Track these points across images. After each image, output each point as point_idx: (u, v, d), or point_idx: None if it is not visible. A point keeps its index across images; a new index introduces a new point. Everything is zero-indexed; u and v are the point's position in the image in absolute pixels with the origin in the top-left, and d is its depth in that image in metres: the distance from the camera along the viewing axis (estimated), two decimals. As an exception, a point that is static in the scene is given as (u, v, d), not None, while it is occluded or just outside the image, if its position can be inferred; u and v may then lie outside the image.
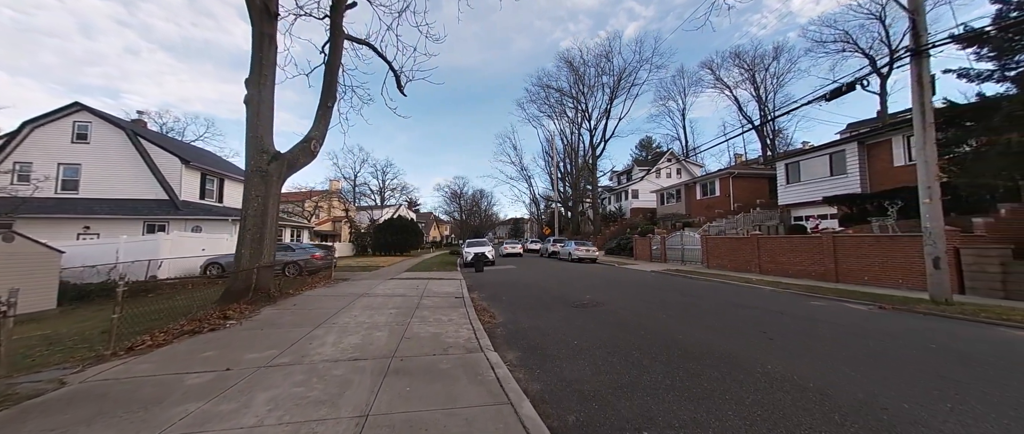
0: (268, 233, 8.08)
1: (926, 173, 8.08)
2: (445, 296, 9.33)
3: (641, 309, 7.52)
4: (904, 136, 17.18)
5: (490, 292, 10.83)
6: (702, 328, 5.82)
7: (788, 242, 14.41)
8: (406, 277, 14.29)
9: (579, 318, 6.79)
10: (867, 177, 18.68)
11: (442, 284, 11.90)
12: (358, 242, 34.98)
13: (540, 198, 51.60)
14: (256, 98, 8.13)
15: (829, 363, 4.21)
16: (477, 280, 14.19)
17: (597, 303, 8.28)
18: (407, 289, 10.58)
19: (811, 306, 8.15)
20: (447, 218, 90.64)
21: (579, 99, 42.23)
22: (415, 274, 15.72)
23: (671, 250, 21.86)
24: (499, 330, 6.13)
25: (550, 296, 9.66)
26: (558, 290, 10.83)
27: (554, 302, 8.67)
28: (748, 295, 9.86)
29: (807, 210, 21.83)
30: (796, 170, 22.37)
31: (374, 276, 14.88)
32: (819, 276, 12.91)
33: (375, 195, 59.25)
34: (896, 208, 13.42)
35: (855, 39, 38.05)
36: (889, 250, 11.07)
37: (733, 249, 17.14)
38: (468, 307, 7.81)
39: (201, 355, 4.45)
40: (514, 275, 15.91)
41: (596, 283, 12.46)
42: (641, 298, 9.04)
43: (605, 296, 9.36)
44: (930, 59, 8.28)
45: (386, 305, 7.93)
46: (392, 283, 12.22)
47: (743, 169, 32.58)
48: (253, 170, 8.03)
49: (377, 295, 9.38)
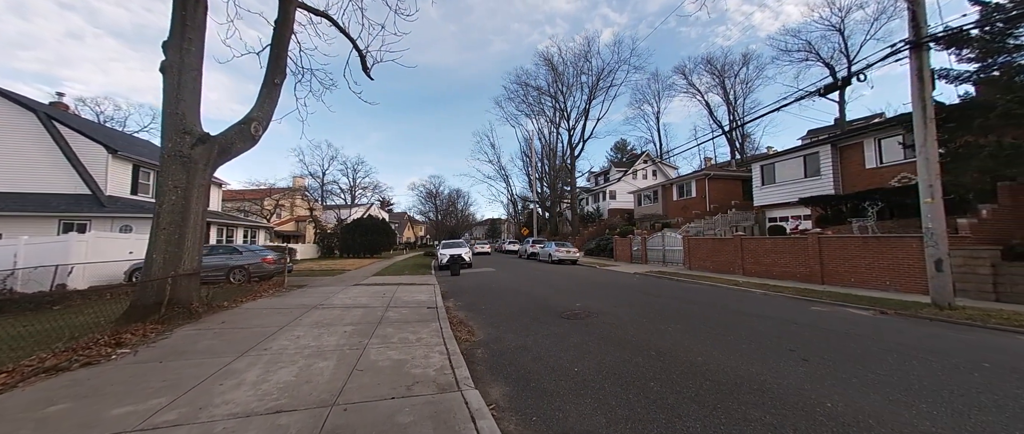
0: (191, 233, 6.53)
1: (928, 171, 7.73)
2: (415, 306, 8.07)
3: (642, 320, 6.62)
4: (875, 139, 17.56)
5: (468, 299, 9.66)
6: (720, 346, 4.96)
7: (772, 243, 14.17)
8: (373, 283, 12.83)
9: (575, 333, 5.78)
10: (840, 179, 19.01)
11: (413, 291, 10.60)
12: (324, 243, 32.61)
13: (518, 198, 50.71)
14: (177, 65, 6.58)
15: (893, 394, 3.41)
16: (453, 285, 12.95)
17: (590, 312, 7.32)
18: (371, 297, 9.22)
19: (815, 313, 7.58)
20: (422, 218, 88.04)
21: (558, 97, 41.74)
22: (384, 279, 14.26)
23: (652, 251, 21.48)
24: (480, 352, 5.00)
25: (535, 304, 8.62)
26: (543, 296, 9.83)
27: (541, 311, 7.64)
28: (744, 300, 9.25)
29: (781, 211, 22.10)
30: (771, 172, 22.62)
31: (336, 281, 13.30)
32: (804, 278, 12.67)
33: (345, 194, 56.29)
34: (876, 209, 13.46)
35: (817, 49, 39.88)
36: (876, 251, 10.88)
37: (715, 250, 16.84)
38: (442, 321, 6.63)
39: (39, 413, 3.03)
40: (493, 279, 14.78)
41: (582, 287, 11.57)
42: (636, 305, 8.18)
43: (597, 303, 8.44)
44: (929, 53, 7.96)
45: (342, 320, 6.60)
46: (355, 290, 10.77)
47: (718, 171, 33.08)
48: (171, 154, 6.46)
49: (334, 306, 7.99)
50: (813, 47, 39.25)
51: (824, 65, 39.28)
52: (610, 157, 67.88)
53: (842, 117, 39.25)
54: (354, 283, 12.68)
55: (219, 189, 23.88)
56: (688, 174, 35.16)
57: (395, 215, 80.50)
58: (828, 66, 39.49)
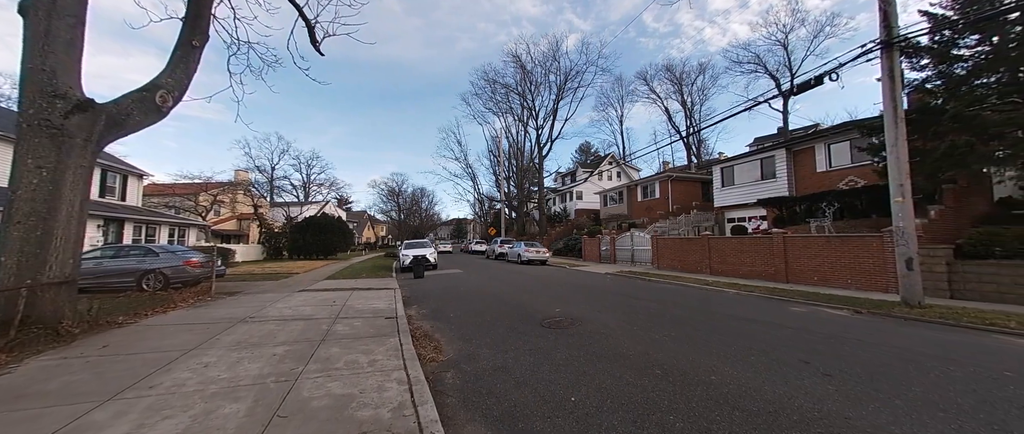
0: (61, 230, 4.93)
1: (898, 170, 7.82)
2: (371, 316, 6.88)
3: (630, 328, 5.96)
4: (826, 144, 18.58)
5: (433, 306, 8.58)
6: (727, 358, 4.36)
7: (738, 243, 14.37)
8: (323, 288, 11.30)
9: (561, 347, 4.96)
10: (793, 181, 19.97)
11: (370, 297, 9.31)
12: (270, 244, 29.60)
13: (485, 197, 49.63)
14: (45, 5, 4.96)
15: (961, 420, 2.90)
16: (417, 289, 11.74)
17: (573, 319, 6.57)
18: (318, 306, 7.86)
19: (797, 314, 7.37)
20: (384, 218, 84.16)
21: (526, 95, 41.25)
22: (336, 283, 12.70)
23: (621, 251, 21.43)
24: (450, 377, 4.03)
25: (510, 310, 7.73)
26: (517, 300, 8.97)
27: (518, 319, 6.77)
28: (722, 301, 8.99)
29: (740, 212, 22.95)
30: (730, 174, 23.44)
31: (279, 287, 11.60)
32: (769, 276, 12.88)
33: (297, 191, 52.15)
34: (832, 210, 14.06)
35: (764, 62, 42.64)
36: (838, 251, 11.18)
37: (684, 250, 16.95)
38: (402, 334, 5.55)
39: None
40: (461, 281, 13.71)
41: (557, 290, 10.87)
42: (619, 310, 7.56)
43: (577, 308, 7.72)
44: (898, 52, 8.10)
45: (274, 337, 5.31)
46: (300, 297, 9.29)
47: (680, 173, 34.16)
48: (32, 124, 4.82)
49: (268, 318, 6.59)
50: (761, 60, 41.92)
51: (770, 77, 42.08)
52: (575, 159, 68.86)
53: (785, 126, 42.14)
54: (300, 288, 11.08)
55: (140, 181, 20.65)
56: (652, 175, 36.02)
57: (354, 214, 76.25)
58: (774, 78, 42.31)
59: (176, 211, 29.50)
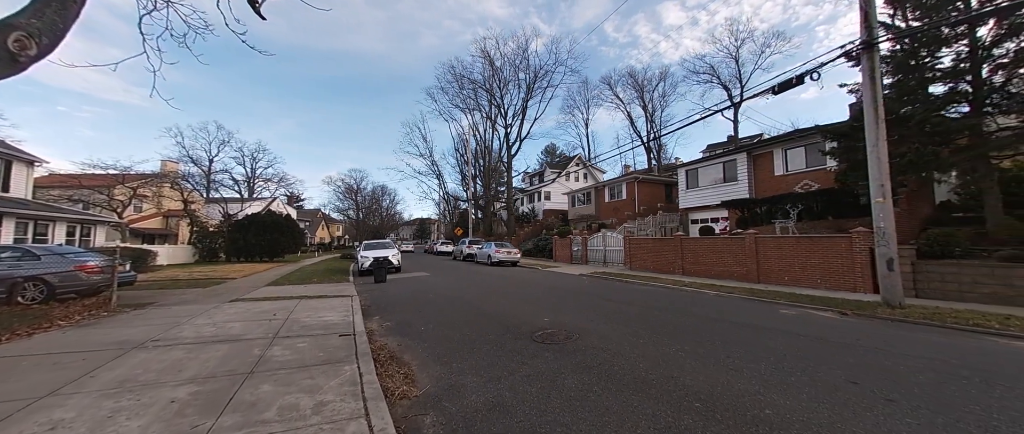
0: None
1: (879, 170, 7.84)
2: (321, 333, 5.57)
3: (635, 340, 5.22)
4: (783, 149, 19.45)
5: (400, 317, 7.34)
6: (767, 383, 3.70)
7: (711, 244, 14.43)
8: (263, 296, 9.58)
9: (567, 370, 4.06)
10: (753, 184, 20.77)
11: (321, 307, 7.86)
12: (204, 244, 26.13)
13: (450, 196, 47.96)
14: None
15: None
16: (379, 296, 10.34)
17: (567, 331, 5.71)
18: (252, 322, 6.36)
19: (789, 317, 7.09)
20: (340, 217, 79.15)
21: (494, 92, 40.25)
22: (280, 289, 10.95)
23: (593, 252, 21.15)
24: (429, 424, 2.98)
25: (491, 320, 6.73)
26: (497, 307, 7.98)
27: (503, 332, 5.79)
28: (713, 304, 8.61)
29: (703, 213, 23.59)
30: (695, 176, 24.04)
31: (207, 296, 9.69)
32: (742, 277, 12.97)
33: (240, 186, 47.26)
34: (797, 211, 14.54)
35: (718, 73, 45.08)
36: (807, 251, 11.38)
37: (656, 251, 16.87)
38: (362, 359, 4.37)
39: None
40: (429, 285, 12.43)
41: (537, 294, 10.01)
42: (612, 318, 6.84)
43: (566, 316, 6.89)
44: (879, 53, 8.16)
45: (179, 371, 3.91)
46: (231, 309, 7.63)
47: (645, 175, 34.92)
48: None
49: (178, 342, 5.07)
50: (715, 71, 44.29)
51: (723, 88, 44.60)
52: (541, 159, 69.03)
53: (735, 134, 44.77)
54: (234, 298, 9.29)
55: (30, 168, 17.02)
56: (618, 177, 36.54)
57: (307, 212, 70.90)
58: (726, 89, 44.84)
59: (84, 206, 25.15)
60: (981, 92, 10.10)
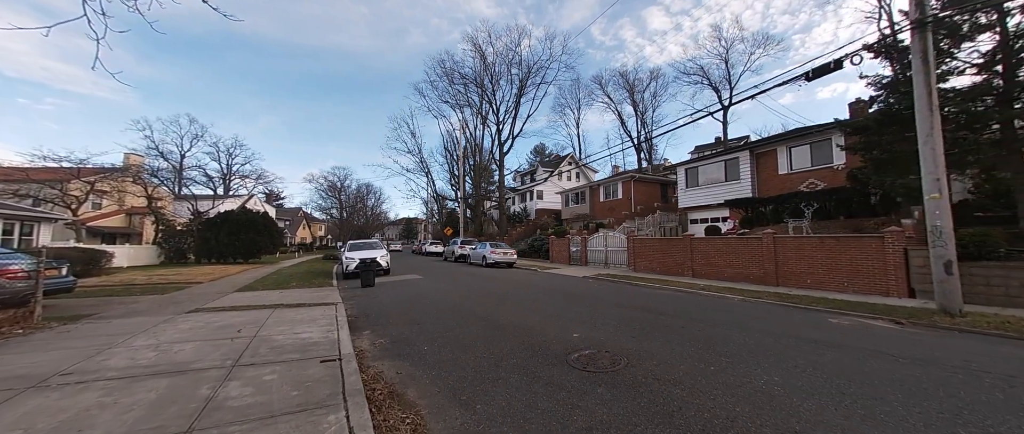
0: None
1: (934, 164, 7.07)
2: (297, 357, 4.32)
3: (701, 365, 4.19)
4: (787, 147, 18.97)
5: (396, 331, 6.11)
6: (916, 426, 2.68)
7: (724, 244, 13.65)
8: (230, 305, 8.16)
9: (641, 422, 2.95)
10: (756, 183, 20.25)
11: (299, 320, 6.54)
12: (171, 244, 23.98)
13: (439, 195, 46.43)
14: None
15: None
16: (368, 304, 9.04)
17: (610, 354, 4.62)
18: (208, 342, 5.03)
19: (844, 328, 6.22)
20: (322, 216, 76.23)
21: (485, 87, 39.00)
22: (253, 296, 9.51)
23: (593, 252, 20.19)
24: None
25: (509, 334, 5.58)
26: (509, 317, 6.82)
27: (528, 353, 4.66)
28: (750, 312, 7.70)
29: (703, 213, 23.01)
30: (695, 175, 23.44)
31: (161, 305, 8.21)
32: (758, 279, 12.20)
33: (214, 183, 44.48)
34: (812, 210, 13.91)
35: (708, 74, 45.02)
36: (833, 253, 10.66)
37: (663, 251, 16.03)
38: (350, 400, 3.17)
39: None
40: (424, 290, 11.15)
41: (548, 300, 8.91)
42: (652, 333, 5.80)
43: (599, 331, 5.79)
44: (930, 34, 7.41)
45: (79, 430, 2.63)
46: (186, 324, 6.24)
47: (641, 174, 34.36)
48: None
49: (99, 375, 3.74)
50: (705, 73, 44.26)
51: (713, 89, 44.62)
52: (530, 159, 68.10)
53: (724, 135, 44.83)
54: (193, 308, 7.84)
55: (-39, 158, 14.85)
56: (614, 176, 35.85)
57: (286, 211, 68.00)
58: (716, 90, 44.84)
59: (34, 202, 22.70)
60: (1012, 85, 9.60)
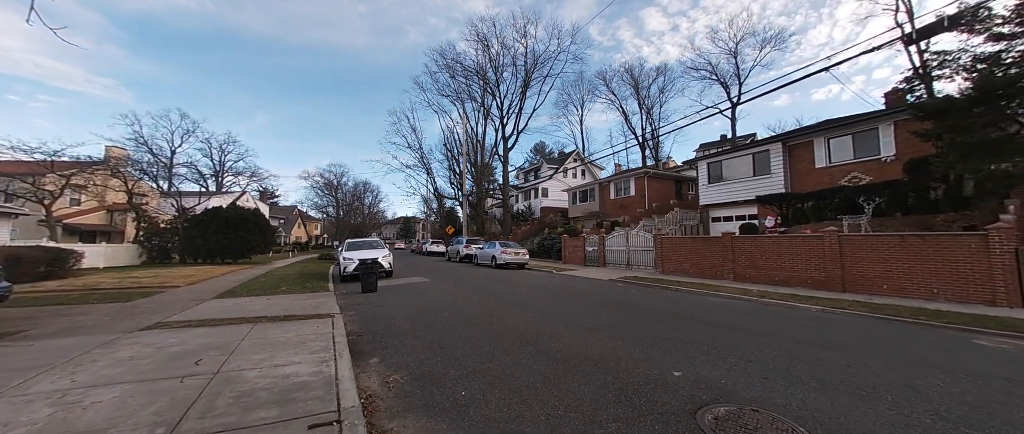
0: None
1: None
2: (270, 415, 2.67)
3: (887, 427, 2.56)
4: (825, 138, 17.44)
5: (414, 361, 4.45)
6: None
7: (774, 244, 12.08)
8: (200, 318, 6.45)
9: None
10: (789, 178, 18.72)
11: (283, 341, 4.85)
12: (154, 243, 22.16)
13: (440, 193, 44.70)
14: None
15: None
16: (372, 315, 7.36)
17: (740, 401, 3.01)
18: (142, 386, 3.35)
19: (1009, 354, 4.65)
20: (318, 215, 74.22)
21: (489, 79, 37.27)
22: (232, 305, 7.81)
23: (613, 253, 18.59)
24: None
25: (574, 371, 3.96)
26: (563, 342, 5.17)
27: (629, 412, 3.04)
28: (850, 329, 6.13)
29: (728, 210, 21.49)
30: (718, 170, 21.89)
31: (118, 317, 6.51)
32: (819, 284, 10.65)
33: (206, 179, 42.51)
34: (872, 205, 12.34)
35: (714, 70, 43.43)
36: (916, 254, 9.11)
37: (697, 252, 14.46)
38: None
39: None
40: (435, 296, 9.47)
41: (590, 311, 7.27)
42: (767, 362, 4.22)
43: (706, 366, 4.19)
44: None
45: None
46: (130, 350, 4.55)
47: (654, 170, 32.85)
48: None
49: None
50: (714, 67, 42.79)
51: (721, 85, 43.14)
52: (529, 158, 66.44)
53: (733, 133, 43.40)
54: (152, 322, 6.14)
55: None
56: (626, 172, 34.27)
57: (281, 209, 65.94)
58: (724, 86, 43.37)
59: (4, 197, 20.82)
60: None
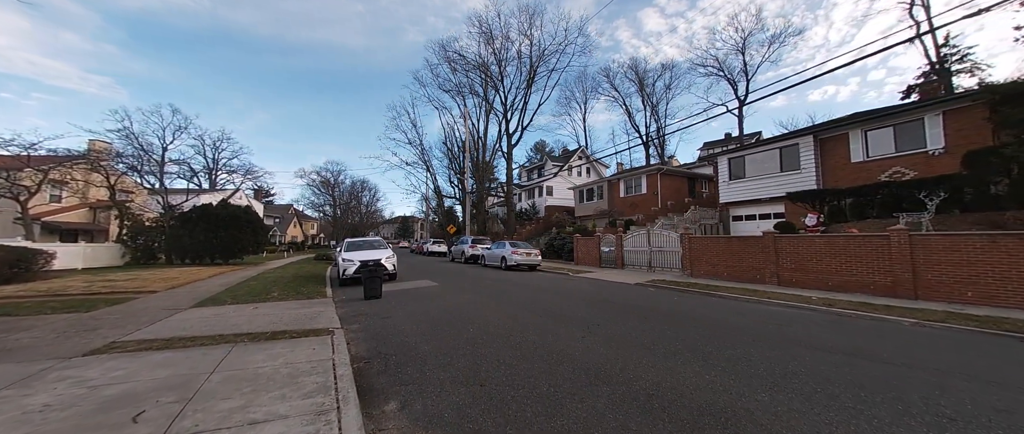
0: None
1: None
2: None
3: None
4: (862, 130, 16.20)
5: (449, 406, 3.04)
6: None
7: (827, 245, 10.78)
8: (169, 334, 5.02)
9: None
10: (821, 173, 17.47)
11: (267, 372, 3.41)
12: (138, 242, 20.62)
13: (440, 191, 43.25)
14: None
15: None
16: (379, 330, 5.95)
17: None
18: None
19: None
20: (315, 214, 72.47)
21: (491, 73, 35.83)
22: (213, 315, 6.38)
23: (633, 253, 17.25)
24: None
25: (686, 426, 2.62)
26: (647, 373, 3.80)
27: None
28: (967, 347, 4.80)
29: (751, 208, 20.27)
30: (740, 165, 20.63)
31: (70, 332, 5.08)
32: (884, 290, 9.38)
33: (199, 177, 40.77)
34: (936, 202, 11.05)
35: (722, 66, 42.27)
36: (1011, 256, 7.84)
37: (732, 253, 13.16)
38: None
39: None
40: (449, 304, 8.05)
41: (641, 324, 5.90)
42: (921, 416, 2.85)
43: (835, 411, 2.85)
44: None
45: None
46: (50, 392, 3.12)
47: (667, 167, 31.61)
48: None
49: None
50: (720, 62, 41.72)
51: (729, 83, 42.13)
52: (529, 156, 65.07)
53: (740, 131, 42.27)
54: (107, 341, 4.72)
55: None
56: (636, 169, 33.01)
57: (277, 208, 64.28)
58: (731, 83, 42.33)
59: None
60: None
